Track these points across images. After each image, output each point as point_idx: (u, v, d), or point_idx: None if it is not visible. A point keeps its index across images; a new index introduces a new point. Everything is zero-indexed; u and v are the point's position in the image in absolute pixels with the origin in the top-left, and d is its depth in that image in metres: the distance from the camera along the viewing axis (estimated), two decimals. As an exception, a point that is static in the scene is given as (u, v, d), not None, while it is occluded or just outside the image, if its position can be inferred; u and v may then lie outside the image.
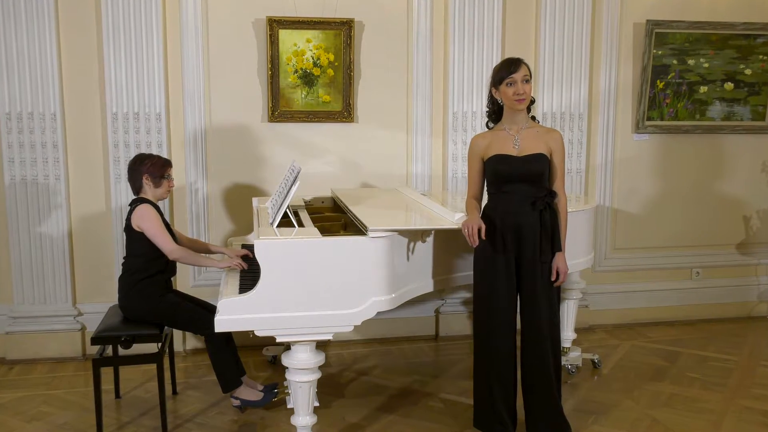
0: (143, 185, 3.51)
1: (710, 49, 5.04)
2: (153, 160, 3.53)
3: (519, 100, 3.04)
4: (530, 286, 3.11)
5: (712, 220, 5.33)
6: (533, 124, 3.18)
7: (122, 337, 3.35)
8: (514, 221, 3.08)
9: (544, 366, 3.15)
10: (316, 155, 4.64)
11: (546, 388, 3.17)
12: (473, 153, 3.20)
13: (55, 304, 4.43)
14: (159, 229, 3.40)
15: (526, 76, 3.04)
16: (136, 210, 3.44)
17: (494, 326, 3.13)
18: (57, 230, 4.37)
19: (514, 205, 3.08)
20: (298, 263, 2.91)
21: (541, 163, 3.08)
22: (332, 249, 2.95)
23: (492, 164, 3.11)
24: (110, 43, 4.25)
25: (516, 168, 3.06)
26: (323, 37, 4.49)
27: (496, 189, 3.14)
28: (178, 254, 3.43)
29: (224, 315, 2.89)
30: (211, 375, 3.88)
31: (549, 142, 3.11)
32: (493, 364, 3.16)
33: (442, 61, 4.70)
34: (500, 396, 3.18)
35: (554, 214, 3.11)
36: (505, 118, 3.16)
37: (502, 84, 3.06)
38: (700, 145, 5.22)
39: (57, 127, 4.29)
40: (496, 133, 3.16)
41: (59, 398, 3.88)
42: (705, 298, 5.36)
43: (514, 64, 3.05)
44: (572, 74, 4.83)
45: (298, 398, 3.07)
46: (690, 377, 4.20)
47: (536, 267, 3.08)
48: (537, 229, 3.07)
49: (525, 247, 3.08)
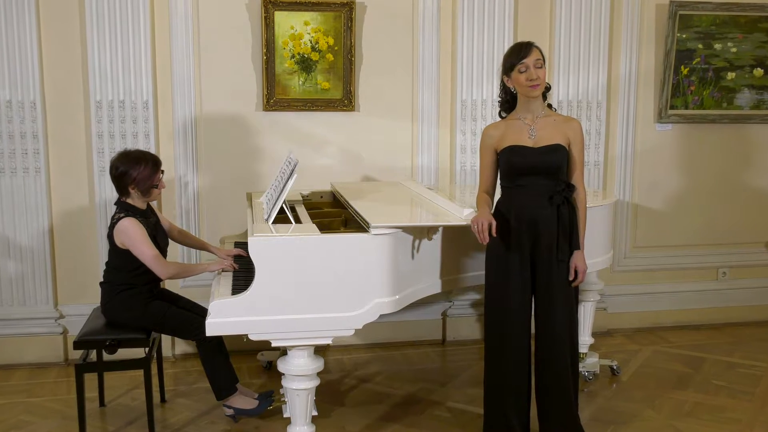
0: (129, 192, 3.47)
1: (738, 32, 5.02)
2: (140, 169, 3.41)
3: (533, 86, 3.03)
4: (546, 286, 3.10)
5: (740, 217, 5.31)
6: (550, 112, 3.17)
7: (107, 341, 3.36)
8: (529, 217, 3.07)
9: (560, 371, 3.14)
10: (314, 146, 4.63)
11: (562, 396, 3.16)
12: (485, 144, 3.19)
13: (35, 305, 4.43)
14: (145, 246, 3.35)
15: (539, 60, 3.03)
16: (119, 225, 3.39)
17: (507, 329, 3.13)
18: (37, 226, 4.37)
19: (529, 199, 3.08)
20: (294, 262, 2.91)
21: (559, 155, 3.07)
22: (331, 247, 2.95)
23: (506, 156, 3.10)
24: (94, 27, 4.24)
25: (532, 160, 3.05)
26: (322, 20, 4.48)
27: (510, 182, 3.14)
28: (170, 273, 3.41)
29: (216, 318, 2.89)
30: (202, 382, 3.89)
31: (567, 132, 3.10)
32: (506, 369, 3.16)
33: (449, 45, 4.69)
34: (513, 404, 3.18)
35: (573, 210, 3.11)
36: (519, 107, 3.15)
37: (514, 71, 3.04)
38: (727, 135, 5.20)
39: (37, 117, 4.28)
40: (510, 123, 3.15)
41: (40, 406, 3.88)
42: (732, 300, 5.35)
43: (525, 48, 3.04)
44: (590, 59, 4.82)
45: (295, 407, 3.07)
46: (716, 385, 4.19)
47: (552, 266, 3.08)
48: (554, 226, 3.06)
49: (541, 244, 3.08)
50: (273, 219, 3.17)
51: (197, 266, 3.66)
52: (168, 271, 3.40)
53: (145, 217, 3.49)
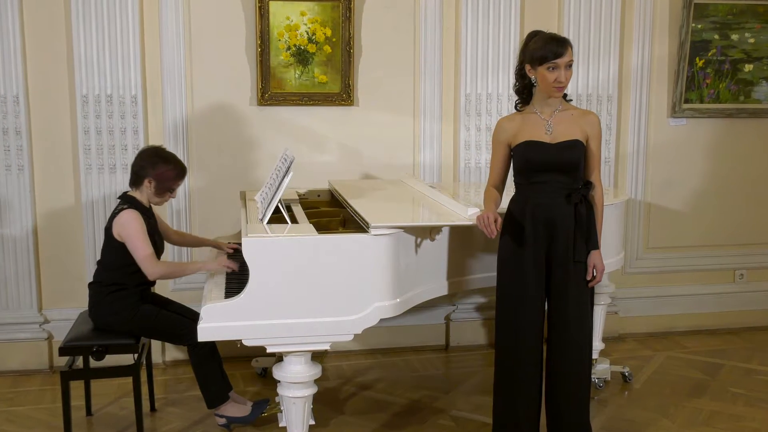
0: (143, 184, 3.49)
1: (757, 22, 5.01)
2: (168, 167, 3.47)
3: (558, 88, 3.02)
4: (560, 288, 3.09)
5: (758, 216, 5.32)
6: (567, 105, 3.14)
7: (94, 347, 3.35)
8: (546, 216, 3.05)
9: (572, 376, 3.13)
10: (311, 143, 4.63)
11: (574, 402, 3.15)
12: (499, 138, 3.17)
13: (18, 310, 4.43)
14: (141, 241, 3.36)
15: (571, 61, 3.00)
16: (120, 216, 3.41)
17: (521, 332, 3.13)
18: (20, 227, 4.37)
19: (546, 197, 3.06)
20: (290, 264, 2.90)
21: (577, 151, 3.06)
22: (329, 248, 2.94)
23: (522, 152, 3.09)
24: (79, 16, 4.23)
25: (550, 156, 3.04)
26: (319, 10, 4.48)
27: (525, 179, 3.12)
28: (160, 273, 3.41)
29: (208, 322, 2.88)
30: (194, 389, 3.89)
31: (585, 127, 3.09)
32: (519, 373, 3.15)
33: (453, 36, 4.69)
34: (524, 411, 3.17)
35: (590, 208, 3.10)
36: (536, 101, 3.12)
37: (542, 66, 2.99)
38: (744, 130, 5.20)
39: (20, 112, 4.28)
40: (526, 116, 3.13)
41: (23, 415, 3.88)
42: (750, 303, 5.36)
43: (562, 46, 2.98)
44: (600, 51, 4.82)
45: (291, 415, 3.07)
46: (733, 393, 4.19)
47: (568, 267, 3.07)
48: (571, 225, 3.05)
49: (557, 244, 3.06)
50: (268, 219, 3.16)
51: (190, 265, 3.64)
52: (157, 270, 3.39)
53: (146, 215, 3.50)
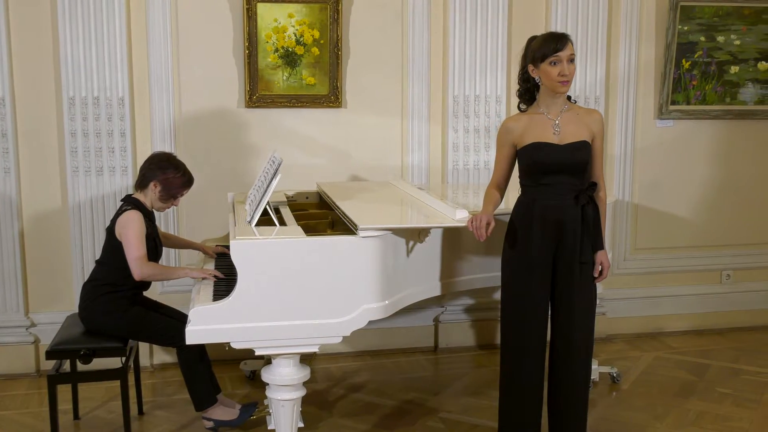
0: (149, 187, 3.52)
1: (742, 24, 5.06)
2: (177, 174, 3.53)
3: (563, 82, 3.00)
4: (565, 288, 3.11)
5: (745, 217, 5.35)
6: (572, 105, 3.15)
7: (81, 351, 3.36)
8: (554, 217, 3.06)
9: (575, 376, 3.16)
10: (299, 145, 4.64)
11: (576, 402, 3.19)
12: (504, 138, 3.16)
13: (4, 313, 4.42)
14: (137, 241, 3.38)
15: (572, 55, 3.01)
16: (124, 215, 3.44)
17: (528, 332, 3.15)
18: (6, 230, 4.36)
19: (554, 198, 3.06)
20: (279, 266, 2.91)
21: (586, 152, 3.07)
22: (318, 250, 2.95)
23: (529, 153, 3.08)
24: (66, 18, 4.23)
25: (560, 158, 3.03)
26: (307, 12, 4.50)
27: (533, 181, 3.11)
28: (146, 274, 3.40)
29: (196, 325, 2.89)
30: (182, 393, 3.89)
31: (591, 125, 3.10)
32: (525, 374, 3.18)
33: (441, 38, 4.71)
34: (530, 411, 3.21)
35: (596, 209, 3.11)
36: (541, 100, 3.12)
37: (545, 62, 3.00)
38: (730, 131, 5.24)
39: (6, 114, 4.27)
40: (533, 117, 3.12)
41: (10, 420, 3.87)
42: (737, 304, 5.39)
43: (561, 40, 3.00)
44: (587, 53, 4.85)
45: (280, 418, 3.08)
46: (721, 393, 4.23)
47: (574, 267, 3.08)
48: (578, 226, 3.06)
49: (564, 245, 3.07)
50: (256, 221, 3.17)
51: (176, 270, 3.67)
52: (144, 272, 3.40)
53: (148, 219, 3.53)
